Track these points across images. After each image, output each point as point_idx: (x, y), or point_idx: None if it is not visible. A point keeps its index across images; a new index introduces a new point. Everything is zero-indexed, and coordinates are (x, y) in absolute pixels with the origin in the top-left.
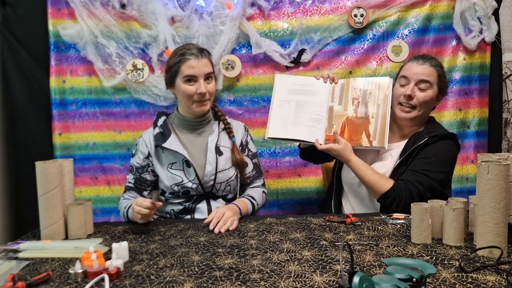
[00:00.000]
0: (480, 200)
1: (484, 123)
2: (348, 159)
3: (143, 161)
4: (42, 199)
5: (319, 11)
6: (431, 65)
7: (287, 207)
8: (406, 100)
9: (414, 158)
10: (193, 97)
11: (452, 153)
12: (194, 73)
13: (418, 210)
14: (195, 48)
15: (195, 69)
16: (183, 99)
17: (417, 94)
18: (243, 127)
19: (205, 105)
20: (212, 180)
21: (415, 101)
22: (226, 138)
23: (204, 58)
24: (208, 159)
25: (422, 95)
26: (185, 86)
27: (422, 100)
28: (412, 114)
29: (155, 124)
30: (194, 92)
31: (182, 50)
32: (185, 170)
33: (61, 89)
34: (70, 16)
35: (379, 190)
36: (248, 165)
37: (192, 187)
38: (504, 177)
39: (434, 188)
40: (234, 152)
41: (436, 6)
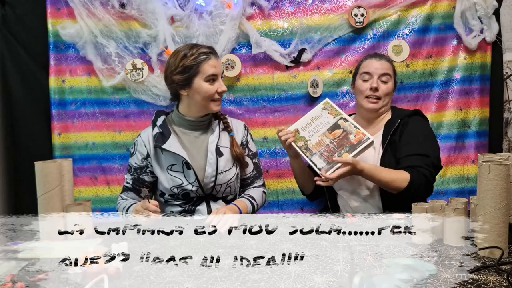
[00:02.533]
0: (481, 200)
1: (485, 123)
2: (361, 170)
3: (142, 162)
4: (41, 199)
5: (320, 10)
6: (386, 60)
7: (287, 207)
8: (372, 92)
9: (402, 144)
10: (213, 96)
11: (428, 126)
12: (216, 72)
13: (419, 210)
14: (210, 48)
15: (216, 68)
16: (201, 99)
17: (381, 86)
18: (243, 126)
19: (219, 104)
20: (212, 182)
21: (380, 93)
22: (226, 138)
23: (218, 57)
24: (209, 160)
25: (385, 87)
26: (206, 85)
27: (386, 91)
28: (379, 105)
29: (153, 124)
30: (215, 91)
31: (200, 49)
32: (185, 172)
33: (61, 89)
34: (69, 15)
35: (401, 186)
36: (249, 165)
37: (192, 189)
38: (505, 177)
39: (436, 165)
40: (234, 146)
41: (437, 6)
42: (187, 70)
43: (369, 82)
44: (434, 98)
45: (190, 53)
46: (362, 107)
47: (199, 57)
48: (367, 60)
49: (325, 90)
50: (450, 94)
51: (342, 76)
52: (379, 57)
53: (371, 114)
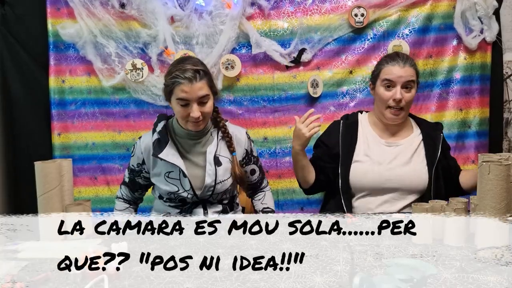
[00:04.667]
0: (481, 200)
1: (485, 123)
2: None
3: (137, 167)
4: (41, 199)
5: (320, 10)
6: (410, 65)
7: (287, 207)
8: (396, 103)
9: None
10: (187, 118)
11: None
12: (186, 97)
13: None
14: (190, 71)
15: (187, 93)
16: (178, 118)
17: (405, 95)
18: (245, 135)
19: (199, 125)
20: (211, 191)
21: (403, 103)
22: (225, 147)
23: (198, 81)
24: (207, 171)
25: (408, 96)
26: (178, 107)
27: (409, 99)
28: (401, 116)
29: (154, 129)
30: (187, 114)
31: (176, 71)
32: (181, 180)
33: (60, 89)
34: (69, 15)
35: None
36: (256, 172)
37: (187, 196)
38: (505, 177)
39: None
40: (235, 167)
41: (437, 6)
42: (165, 86)
43: (392, 91)
44: (434, 98)
45: (173, 69)
46: (383, 116)
47: (173, 78)
48: (389, 65)
49: (325, 90)
50: (450, 94)
51: (342, 76)
52: (403, 62)
53: (394, 123)
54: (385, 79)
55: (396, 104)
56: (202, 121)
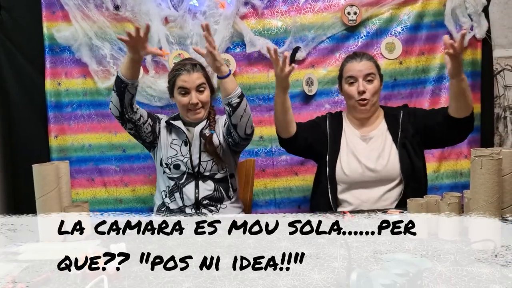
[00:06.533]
0: (474, 195)
1: (476, 118)
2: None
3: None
4: (39, 201)
5: (313, 9)
6: (367, 59)
7: (284, 205)
8: (360, 95)
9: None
10: (187, 106)
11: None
12: (185, 85)
13: (414, 206)
14: (189, 64)
15: (187, 82)
16: (180, 108)
17: (367, 87)
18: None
19: (198, 113)
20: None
21: (368, 94)
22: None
23: (195, 72)
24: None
25: (371, 87)
26: (179, 97)
27: (373, 91)
28: (368, 106)
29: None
30: (187, 102)
31: (177, 66)
32: (181, 147)
33: (57, 91)
34: (64, 18)
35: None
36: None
37: (183, 160)
38: (496, 171)
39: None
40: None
41: (428, 4)
42: (170, 82)
43: (355, 85)
44: (427, 94)
45: (175, 66)
46: (354, 110)
47: (175, 71)
48: (348, 64)
49: (320, 88)
50: (443, 90)
51: (337, 73)
52: (359, 58)
53: (363, 115)
54: (347, 76)
55: (360, 95)
56: (201, 108)
